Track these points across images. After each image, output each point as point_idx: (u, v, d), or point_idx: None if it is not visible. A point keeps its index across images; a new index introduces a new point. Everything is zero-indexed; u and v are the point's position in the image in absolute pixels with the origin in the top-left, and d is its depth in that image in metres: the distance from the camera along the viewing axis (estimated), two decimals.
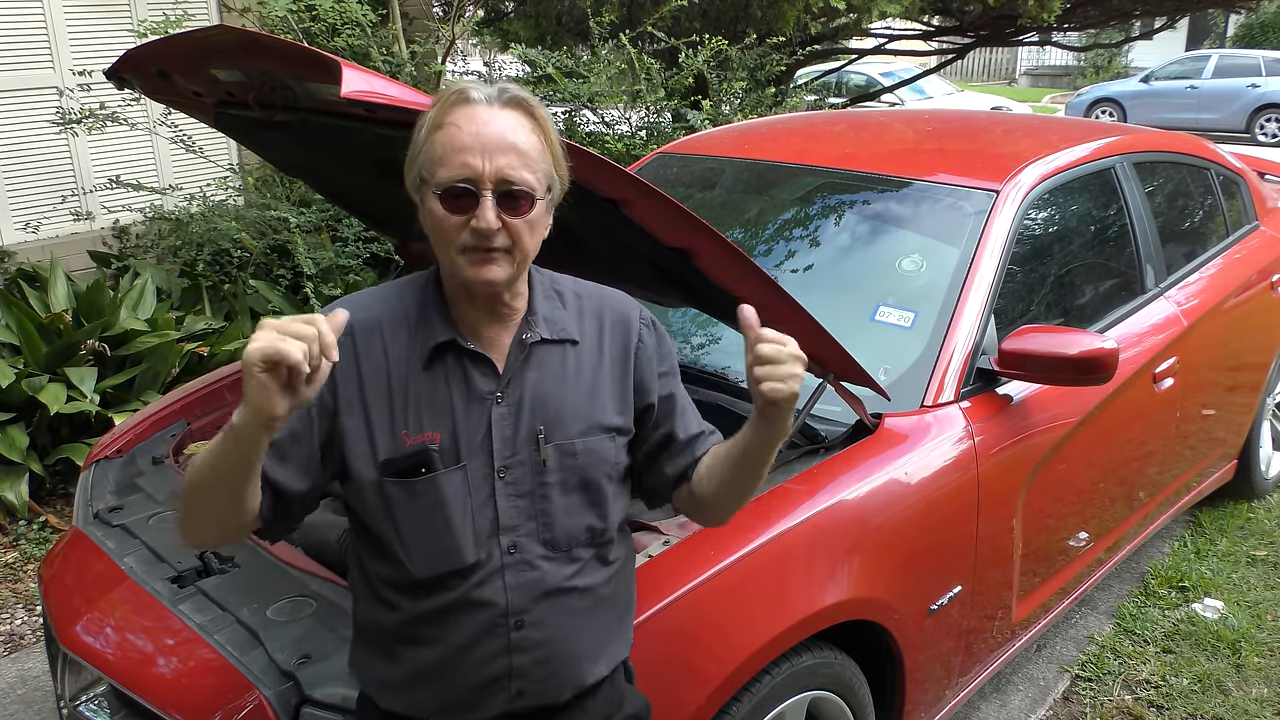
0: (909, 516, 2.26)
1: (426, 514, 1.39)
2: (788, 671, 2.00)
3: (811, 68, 11.09)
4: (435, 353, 1.40)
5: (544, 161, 1.35)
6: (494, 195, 1.30)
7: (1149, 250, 3.27)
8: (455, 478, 1.39)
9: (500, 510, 1.40)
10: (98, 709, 1.98)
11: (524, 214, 1.32)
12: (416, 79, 5.54)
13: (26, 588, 3.60)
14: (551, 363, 1.44)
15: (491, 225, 1.30)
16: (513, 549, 1.40)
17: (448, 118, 1.32)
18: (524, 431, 1.41)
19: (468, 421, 1.39)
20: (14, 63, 5.01)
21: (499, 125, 1.31)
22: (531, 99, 1.36)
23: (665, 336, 1.56)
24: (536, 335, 1.43)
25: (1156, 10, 9.45)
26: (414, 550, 1.40)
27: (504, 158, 1.30)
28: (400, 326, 1.42)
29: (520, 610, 1.41)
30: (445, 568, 1.39)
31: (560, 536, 1.43)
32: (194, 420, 2.73)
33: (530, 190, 1.32)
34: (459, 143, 1.30)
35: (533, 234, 1.35)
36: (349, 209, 3.01)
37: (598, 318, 1.50)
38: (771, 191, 3.20)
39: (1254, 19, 20.45)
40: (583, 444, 1.43)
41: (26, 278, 4.71)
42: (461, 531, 1.38)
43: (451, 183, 1.30)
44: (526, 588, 1.41)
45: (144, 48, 2.07)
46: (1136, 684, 3.10)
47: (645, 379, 1.51)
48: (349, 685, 1.67)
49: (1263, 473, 4.13)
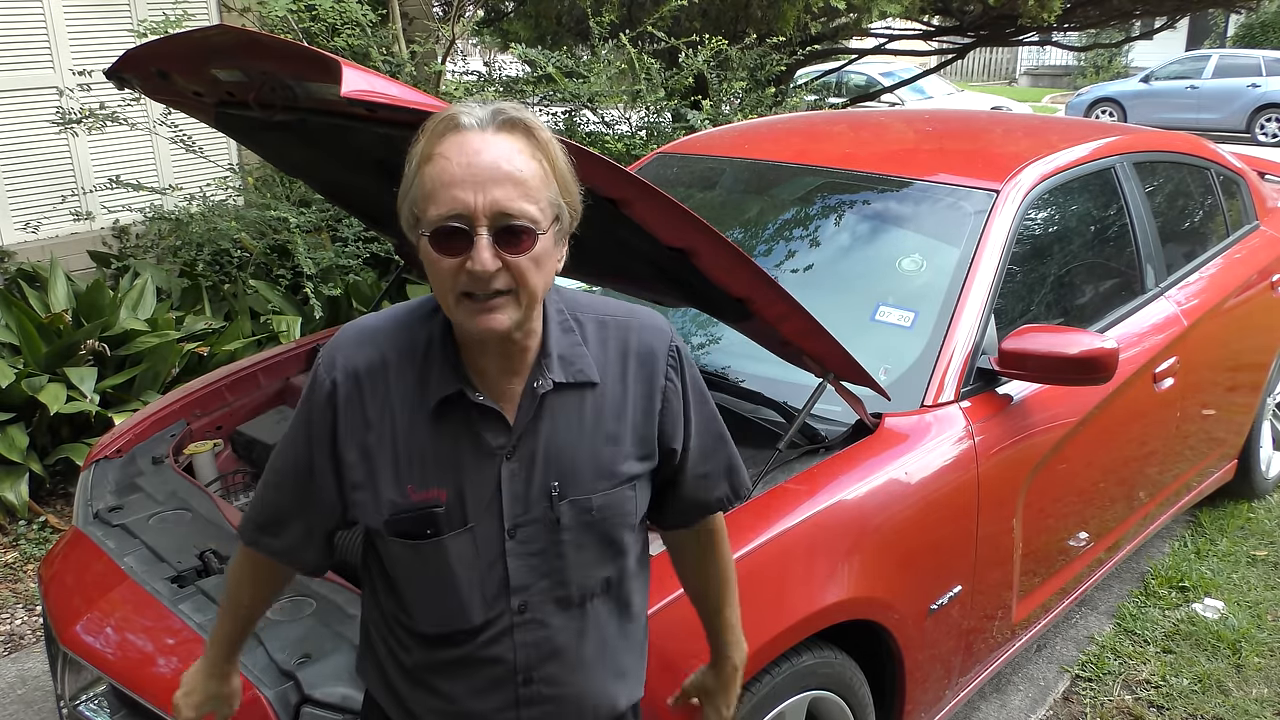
0: (909, 516, 2.26)
1: (431, 575, 1.32)
2: (788, 671, 2.00)
3: (811, 68, 11.08)
4: (441, 406, 1.29)
5: (547, 189, 1.20)
6: (490, 233, 1.16)
7: (1149, 250, 3.27)
8: (461, 540, 1.30)
9: (510, 570, 1.31)
10: (98, 709, 1.98)
11: (525, 250, 1.17)
12: (416, 79, 5.54)
13: (26, 588, 3.60)
14: (567, 411, 1.31)
15: (488, 267, 1.15)
16: (523, 608, 1.33)
17: (436, 148, 1.18)
18: (537, 488, 1.30)
19: (476, 479, 1.29)
20: (14, 63, 5.01)
21: (492, 153, 1.16)
22: (530, 119, 1.21)
23: (691, 366, 1.43)
24: (549, 383, 1.29)
25: (1156, 10, 9.45)
26: (419, 606, 1.35)
27: (499, 189, 1.15)
28: (407, 365, 1.30)
29: (529, 667, 1.35)
30: (451, 627, 1.34)
31: (574, 593, 1.35)
32: (194, 420, 2.73)
33: (532, 224, 1.17)
34: (448, 176, 1.16)
35: (539, 270, 1.20)
36: (349, 209, 3.01)
37: (621, 351, 1.36)
38: (772, 191, 3.20)
39: (1254, 19, 20.45)
40: (601, 499, 1.33)
41: (26, 278, 4.71)
42: (468, 594, 1.31)
43: (441, 221, 1.16)
44: (536, 646, 1.35)
45: (144, 48, 2.07)
46: (1136, 684, 3.10)
47: (669, 426, 1.39)
48: (349, 685, 1.68)
49: (1263, 473, 4.13)
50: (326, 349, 1.34)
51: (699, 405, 1.43)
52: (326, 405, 1.31)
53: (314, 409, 1.33)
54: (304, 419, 1.35)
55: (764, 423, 2.33)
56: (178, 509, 2.29)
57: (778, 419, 2.33)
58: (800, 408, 2.18)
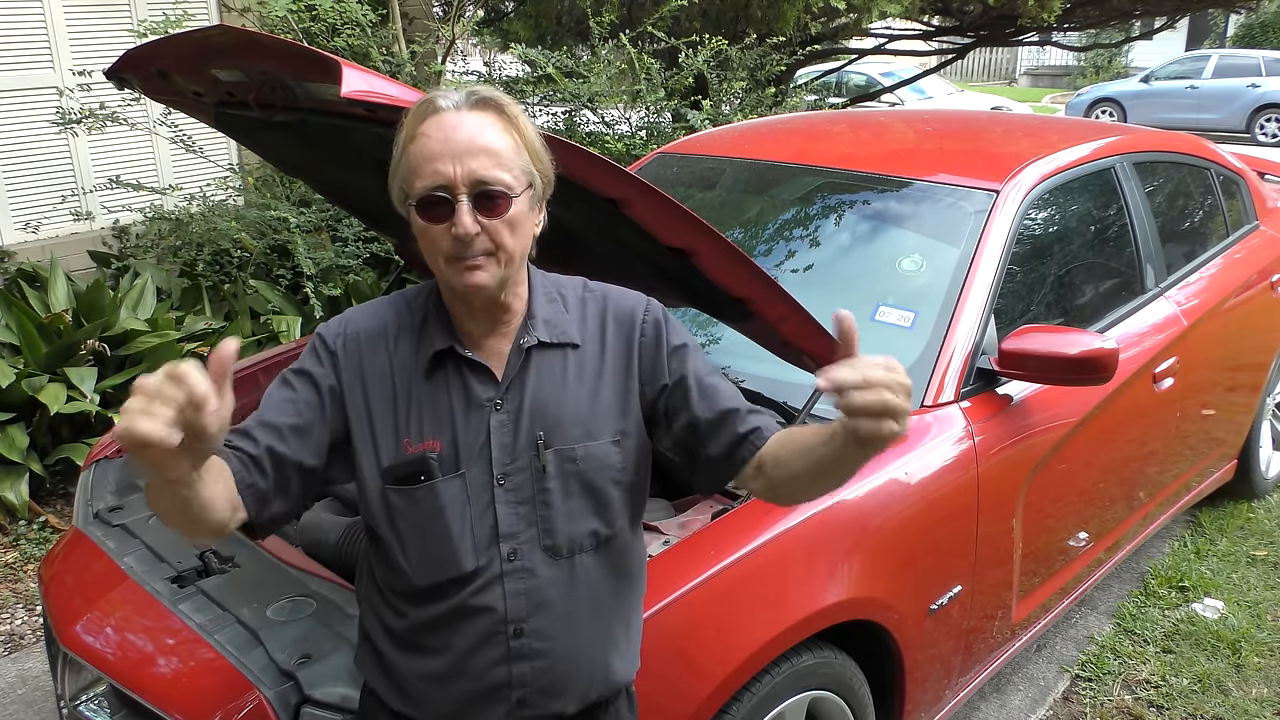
0: (909, 516, 2.26)
1: (426, 521, 1.39)
2: (788, 671, 2.00)
3: (811, 68, 11.09)
4: (435, 361, 1.40)
5: (519, 158, 1.33)
6: (469, 199, 1.29)
7: (1149, 250, 3.27)
8: (454, 485, 1.38)
9: (500, 517, 1.39)
10: (98, 709, 1.98)
11: (501, 213, 1.30)
12: (416, 79, 5.54)
13: (26, 588, 3.60)
14: (551, 368, 1.42)
15: (469, 229, 1.28)
16: (512, 555, 1.39)
17: (418, 129, 1.31)
18: (523, 438, 1.39)
19: (467, 429, 1.39)
20: (14, 63, 5.01)
21: (467, 128, 1.30)
22: (501, 97, 1.34)
23: (672, 321, 1.51)
24: (534, 339, 1.41)
25: (1156, 10, 9.45)
26: (414, 557, 1.40)
27: (475, 160, 1.29)
28: (406, 334, 1.42)
29: (519, 618, 1.40)
30: (444, 575, 1.39)
31: (562, 542, 1.41)
32: None
33: (506, 189, 1.30)
34: (429, 151, 1.29)
35: (515, 233, 1.33)
36: (349, 209, 3.01)
37: (600, 317, 1.47)
38: (771, 191, 3.20)
39: (1254, 19, 20.45)
40: (583, 449, 1.41)
41: (26, 278, 4.71)
42: (460, 539, 1.38)
43: (426, 192, 1.29)
44: (526, 595, 1.40)
45: (144, 48, 2.07)
46: (1136, 684, 3.10)
47: (650, 367, 1.47)
48: (349, 685, 1.67)
49: (1263, 473, 4.13)
50: (327, 323, 1.45)
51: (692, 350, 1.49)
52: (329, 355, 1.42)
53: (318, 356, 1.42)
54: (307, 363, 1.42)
55: None
56: None
57: (778, 419, 2.33)
58: (800, 408, 2.18)
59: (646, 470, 1.50)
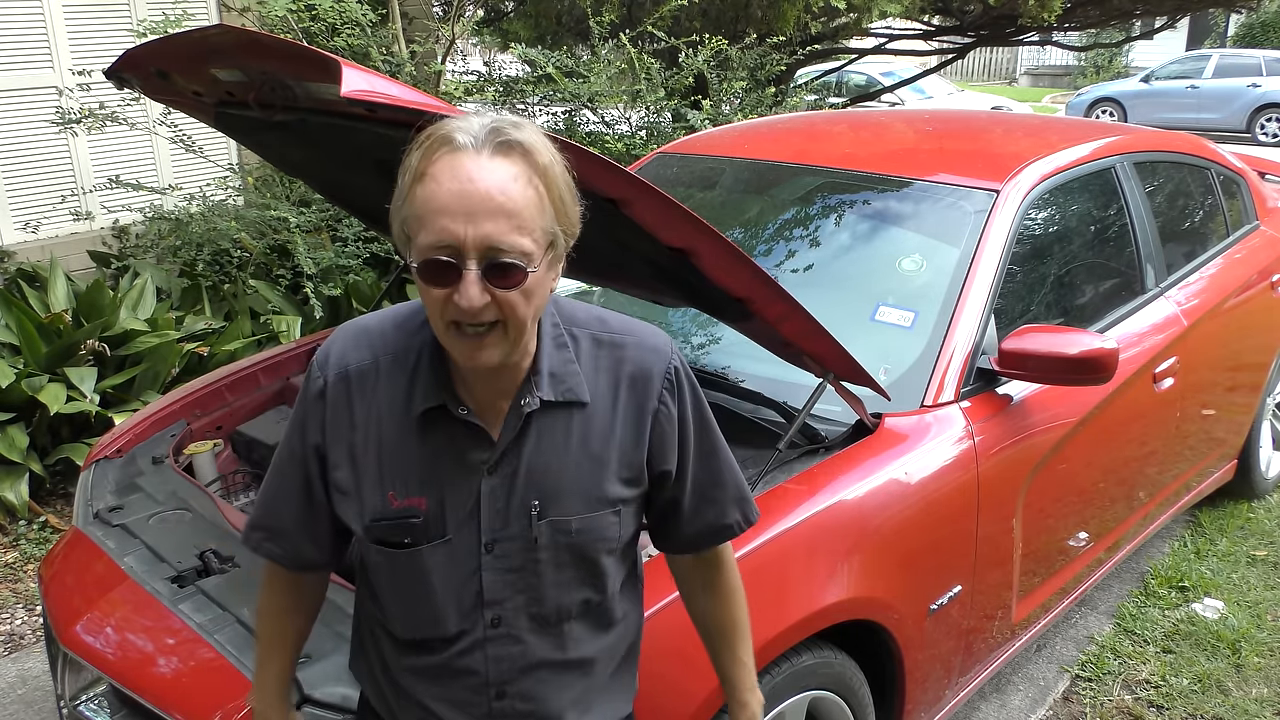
0: (909, 516, 2.26)
1: (409, 583, 1.32)
2: (788, 671, 2.00)
3: (811, 68, 11.08)
4: (426, 416, 1.28)
5: (542, 218, 1.15)
6: (479, 267, 1.12)
7: (1149, 250, 3.27)
8: (439, 552, 1.29)
9: (485, 584, 1.30)
10: (98, 709, 1.98)
11: (515, 285, 1.14)
12: (416, 79, 5.54)
13: (26, 588, 3.60)
14: (554, 430, 1.29)
15: (474, 303, 1.12)
16: (496, 622, 1.32)
17: (430, 167, 1.13)
18: (516, 505, 1.29)
19: (456, 491, 1.28)
20: (14, 63, 5.01)
21: (486, 181, 1.11)
22: (529, 140, 1.15)
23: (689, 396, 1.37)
24: (535, 402, 1.27)
25: (1157, 10, 9.45)
26: (394, 612, 1.36)
27: (490, 223, 1.11)
28: (398, 370, 1.29)
29: (502, 681, 1.35)
30: (426, 634, 1.35)
31: (550, 611, 1.34)
32: (194, 420, 2.73)
33: (523, 257, 1.13)
34: (438, 203, 1.12)
35: (529, 302, 1.17)
36: (349, 209, 3.01)
37: (614, 372, 1.32)
38: (772, 191, 3.20)
39: (1254, 19, 20.45)
40: (580, 522, 1.30)
41: (26, 278, 4.71)
42: (443, 603, 1.31)
43: (430, 253, 1.13)
44: (510, 660, 1.34)
45: (144, 47, 2.07)
46: (1136, 684, 3.10)
47: (660, 449, 1.35)
48: (349, 685, 1.67)
49: (1263, 473, 4.13)
50: (322, 347, 1.35)
51: (699, 429, 1.39)
52: (318, 401, 1.32)
53: (308, 405, 1.34)
54: (300, 415, 1.36)
55: (764, 423, 2.33)
56: (178, 509, 2.29)
57: (778, 419, 2.33)
58: (800, 408, 2.18)
59: (639, 527, 1.43)
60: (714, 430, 1.43)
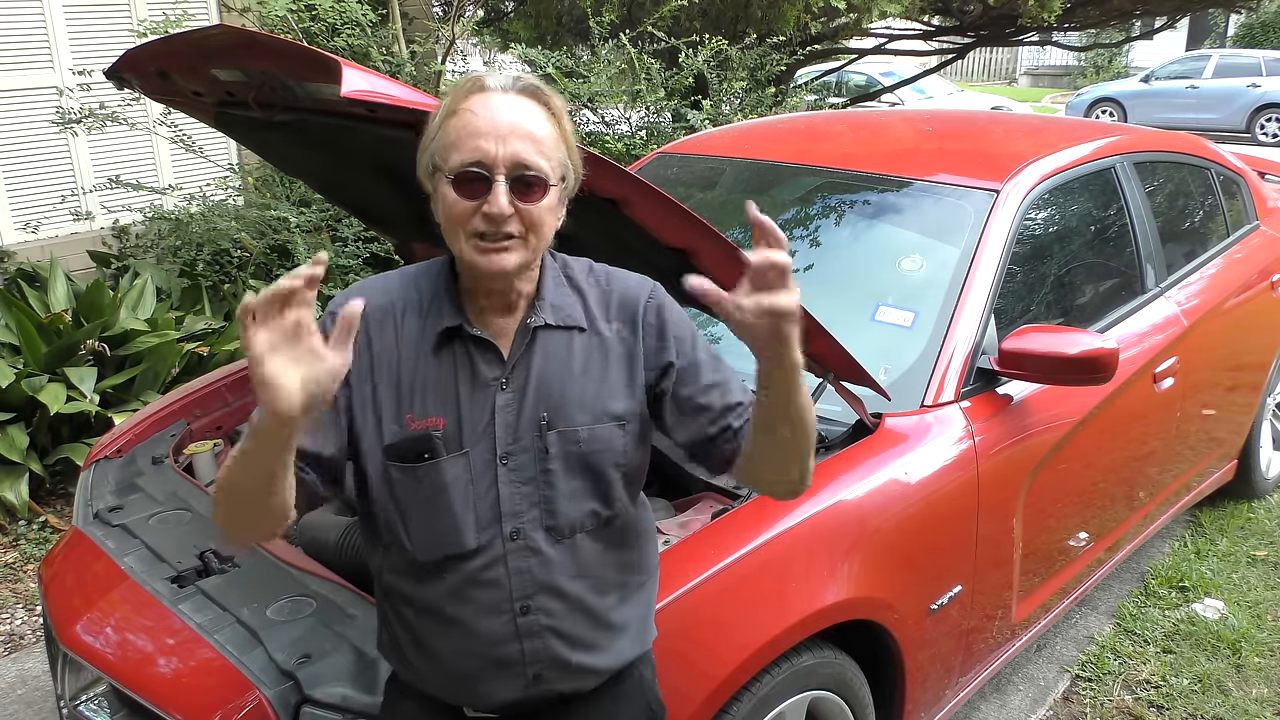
0: (909, 516, 2.26)
1: (428, 498, 1.39)
2: (788, 671, 2.00)
3: (811, 68, 11.09)
4: (442, 338, 1.40)
5: (558, 150, 1.34)
6: (507, 180, 1.29)
7: (1149, 250, 3.27)
8: (458, 464, 1.38)
9: (502, 496, 1.39)
10: (98, 709, 1.98)
11: (537, 200, 1.31)
12: (416, 79, 5.54)
13: (26, 588, 3.60)
14: (557, 349, 1.42)
15: (504, 210, 1.28)
16: (515, 535, 1.40)
17: (462, 104, 1.32)
18: (527, 418, 1.39)
19: (472, 408, 1.39)
20: (14, 63, 5.01)
21: (513, 111, 1.31)
22: (546, 89, 1.36)
23: (675, 309, 1.51)
24: (540, 320, 1.41)
25: (1157, 10, 9.46)
26: (416, 533, 1.41)
27: (519, 143, 1.29)
28: (413, 311, 1.42)
29: (525, 595, 1.40)
30: (446, 551, 1.40)
31: (563, 523, 1.41)
32: (194, 420, 2.73)
33: (544, 176, 1.31)
34: (473, 127, 1.30)
35: (547, 220, 1.34)
36: (349, 209, 3.01)
37: (605, 300, 1.48)
38: (772, 191, 3.20)
39: (1254, 19, 20.45)
40: (587, 431, 1.41)
41: (26, 278, 4.71)
42: (463, 517, 1.39)
43: (464, 167, 1.29)
44: (530, 573, 1.40)
45: (144, 48, 2.07)
46: (1136, 684, 3.10)
47: (655, 352, 1.47)
48: (349, 685, 1.68)
49: (1263, 473, 4.13)
50: (338, 296, 1.44)
51: (691, 333, 1.50)
52: None
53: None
54: None
55: None
56: (178, 509, 2.29)
57: None
58: None
59: (646, 454, 1.51)
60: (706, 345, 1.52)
